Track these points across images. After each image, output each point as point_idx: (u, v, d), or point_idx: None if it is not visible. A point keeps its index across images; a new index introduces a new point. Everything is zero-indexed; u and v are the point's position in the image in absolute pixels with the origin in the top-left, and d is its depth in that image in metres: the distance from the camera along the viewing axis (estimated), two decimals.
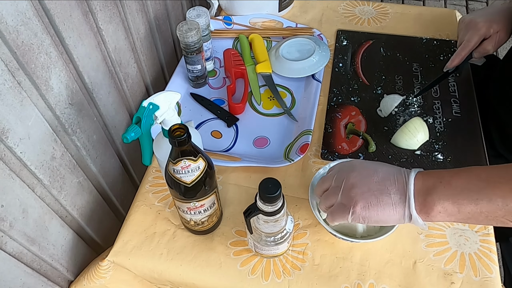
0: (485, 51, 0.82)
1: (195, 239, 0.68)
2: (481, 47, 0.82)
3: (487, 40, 0.81)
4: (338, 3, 1.10)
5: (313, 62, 0.90)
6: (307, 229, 0.69)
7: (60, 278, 0.70)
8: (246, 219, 0.57)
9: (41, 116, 0.58)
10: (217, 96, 0.89)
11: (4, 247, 0.56)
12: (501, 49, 2.07)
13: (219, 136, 0.82)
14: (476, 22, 0.81)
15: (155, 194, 0.74)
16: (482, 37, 0.81)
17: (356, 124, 0.83)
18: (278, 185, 0.52)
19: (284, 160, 0.75)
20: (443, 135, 0.80)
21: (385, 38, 1.00)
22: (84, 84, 0.68)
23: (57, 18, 0.58)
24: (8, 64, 0.51)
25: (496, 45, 0.81)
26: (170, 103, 0.61)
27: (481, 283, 0.62)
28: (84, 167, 0.71)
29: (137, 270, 0.67)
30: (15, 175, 0.55)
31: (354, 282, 0.63)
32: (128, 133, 0.59)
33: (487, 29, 0.80)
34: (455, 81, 0.89)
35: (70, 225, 0.70)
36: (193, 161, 0.54)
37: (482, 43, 0.82)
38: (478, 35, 0.80)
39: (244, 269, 0.65)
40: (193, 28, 0.80)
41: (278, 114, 0.85)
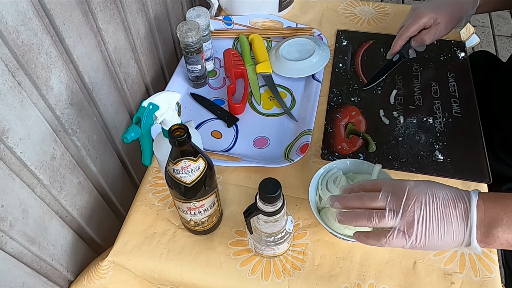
0: (422, 40, 0.82)
1: (195, 239, 0.68)
2: (418, 36, 0.83)
3: (425, 30, 0.82)
4: (338, 3, 1.10)
5: (313, 62, 0.90)
6: (307, 229, 0.69)
7: (60, 278, 0.70)
8: (246, 219, 0.57)
9: (41, 116, 0.58)
10: (217, 96, 0.89)
11: (4, 247, 0.56)
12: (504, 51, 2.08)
13: (219, 136, 0.82)
14: (420, 11, 0.81)
15: (155, 194, 0.74)
16: (421, 27, 0.81)
17: (356, 124, 0.83)
18: (278, 185, 0.52)
19: (284, 160, 0.75)
20: (443, 135, 0.80)
21: (385, 38, 1.00)
22: (84, 84, 0.68)
23: (57, 18, 0.58)
24: (8, 64, 0.51)
25: (434, 36, 0.82)
26: (170, 103, 0.61)
27: (481, 283, 0.62)
28: (84, 167, 0.71)
29: (137, 270, 0.67)
30: (15, 175, 0.55)
31: (354, 282, 0.63)
32: (128, 133, 0.59)
33: (429, 19, 0.80)
34: (455, 81, 0.89)
35: (70, 225, 0.70)
36: (193, 161, 0.54)
37: (420, 32, 0.83)
38: (417, 24, 0.81)
39: (244, 269, 0.65)
40: (193, 28, 0.80)
41: (278, 114, 0.85)
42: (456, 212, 0.50)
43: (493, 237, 0.49)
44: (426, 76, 0.91)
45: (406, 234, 0.51)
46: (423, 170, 0.75)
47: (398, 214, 0.51)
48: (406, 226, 0.51)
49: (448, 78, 0.90)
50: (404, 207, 0.51)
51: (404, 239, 0.51)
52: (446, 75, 0.91)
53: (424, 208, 0.51)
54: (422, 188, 0.52)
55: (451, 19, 0.81)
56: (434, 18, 0.80)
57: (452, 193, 0.52)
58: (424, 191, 0.52)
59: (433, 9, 0.81)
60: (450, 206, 0.50)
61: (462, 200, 0.51)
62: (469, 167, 0.75)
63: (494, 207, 0.50)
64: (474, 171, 0.74)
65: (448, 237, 0.50)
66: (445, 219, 0.50)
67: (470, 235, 0.50)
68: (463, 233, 0.50)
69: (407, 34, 0.82)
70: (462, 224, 0.50)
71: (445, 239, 0.51)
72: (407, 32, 0.82)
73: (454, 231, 0.50)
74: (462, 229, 0.50)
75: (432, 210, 0.51)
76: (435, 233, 0.50)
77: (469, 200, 0.51)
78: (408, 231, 0.51)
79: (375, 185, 0.56)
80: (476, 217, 0.49)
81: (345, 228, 0.63)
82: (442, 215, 0.50)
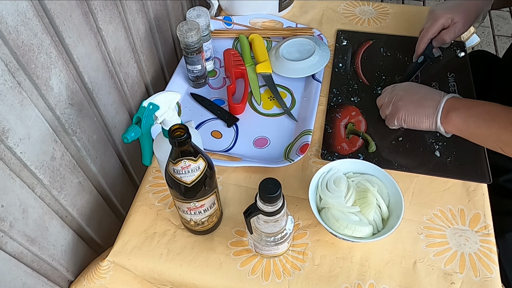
0: (442, 40, 0.86)
1: (195, 239, 0.68)
2: (439, 36, 0.86)
3: (445, 30, 0.85)
4: (338, 3, 1.10)
5: (313, 62, 0.90)
6: (307, 229, 0.69)
7: (60, 278, 0.70)
8: (246, 219, 0.57)
9: (41, 116, 0.58)
10: (217, 96, 0.89)
11: (4, 247, 0.56)
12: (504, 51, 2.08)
13: (219, 136, 0.82)
14: (437, 12, 0.85)
15: (155, 194, 0.74)
16: (441, 27, 0.85)
17: (356, 124, 0.83)
18: (278, 185, 0.52)
19: (284, 160, 0.75)
20: (443, 135, 0.79)
21: (385, 38, 1.00)
22: (84, 84, 0.68)
23: (57, 18, 0.58)
24: (8, 64, 0.51)
25: (453, 35, 0.85)
26: (170, 103, 0.61)
27: (481, 283, 0.62)
28: (84, 167, 0.71)
29: (137, 270, 0.67)
30: (15, 175, 0.55)
31: (354, 282, 0.63)
32: (128, 133, 0.59)
33: (446, 19, 0.84)
34: (455, 81, 0.89)
35: (70, 225, 0.70)
36: (193, 161, 0.54)
37: (440, 32, 0.86)
38: (436, 25, 0.84)
39: (244, 269, 0.65)
40: (193, 28, 0.80)
41: (278, 114, 0.85)
42: (431, 102, 0.72)
43: (449, 119, 0.69)
44: (426, 75, 0.91)
45: (394, 114, 0.76)
46: (423, 170, 0.75)
47: (391, 103, 0.77)
48: (395, 109, 0.76)
49: (448, 77, 0.90)
50: (395, 97, 0.76)
51: (394, 117, 0.76)
52: (446, 75, 0.91)
53: (409, 96, 0.75)
54: (413, 86, 0.78)
55: (468, 17, 0.84)
56: (451, 18, 0.83)
57: (434, 91, 0.74)
58: (413, 88, 0.77)
59: (450, 9, 0.84)
60: (428, 97, 0.73)
61: (438, 95, 0.72)
62: (469, 167, 0.75)
63: (458, 102, 0.70)
64: (474, 171, 0.74)
65: (422, 117, 0.72)
66: (422, 105, 0.72)
67: (436, 117, 0.70)
68: (433, 115, 0.71)
69: (427, 36, 0.86)
70: (434, 109, 0.71)
71: (420, 118, 0.73)
72: (427, 34, 0.86)
73: (427, 113, 0.72)
74: (433, 113, 0.71)
75: (414, 98, 0.74)
76: (412, 113, 0.73)
77: (444, 96, 0.71)
78: (395, 112, 0.75)
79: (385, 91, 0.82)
80: (443, 106, 0.70)
81: (345, 228, 0.63)
82: (420, 101, 0.73)
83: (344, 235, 0.62)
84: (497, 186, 0.76)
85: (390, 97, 0.77)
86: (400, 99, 0.75)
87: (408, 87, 0.77)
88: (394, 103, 0.76)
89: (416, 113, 0.73)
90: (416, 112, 0.73)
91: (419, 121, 0.73)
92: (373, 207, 0.64)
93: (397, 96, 0.76)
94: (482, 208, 0.70)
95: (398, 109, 0.75)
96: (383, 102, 0.80)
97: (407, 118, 0.74)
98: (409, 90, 0.76)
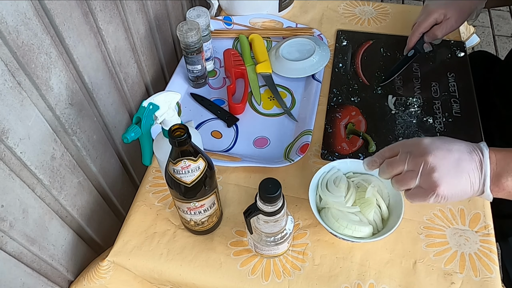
0: (434, 35, 0.86)
1: (195, 239, 0.68)
2: (431, 31, 0.86)
3: (437, 26, 0.86)
4: (338, 3, 1.10)
5: (313, 62, 0.90)
6: (307, 229, 0.69)
7: (60, 278, 0.70)
8: (246, 219, 0.57)
9: (41, 116, 0.58)
10: (217, 96, 0.89)
11: (4, 247, 0.56)
12: (504, 50, 2.08)
13: (219, 136, 0.82)
14: (431, 7, 0.86)
15: (155, 194, 0.74)
16: (433, 22, 0.85)
17: (356, 124, 0.83)
18: (278, 185, 0.52)
19: (284, 160, 0.75)
20: (443, 135, 0.79)
21: (385, 38, 1.00)
22: (84, 84, 0.68)
23: (57, 18, 0.58)
24: (8, 64, 0.51)
25: (445, 31, 0.85)
26: (170, 103, 0.61)
27: (481, 283, 0.62)
28: (84, 167, 0.71)
29: (137, 270, 0.67)
30: (15, 175, 0.55)
31: (354, 282, 0.63)
32: (128, 133, 0.59)
33: (439, 15, 0.84)
34: (455, 81, 0.89)
35: (70, 225, 0.70)
36: (193, 161, 0.54)
37: (432, 28, 0.86)
38: (428, 20, 0.85)
39: (244, 269, 0.65)
40: (193, 28, 0.80)
41: (278, 114, 0.85)
42: (472, 164, 0.53)
43: (501, 185, 0.53)
44: (426, 76, 0.91)
45: (428, 190, 0.53)
46: None
47: (418, 173, 0.54)
48: (429, 183, 0.53)
49: (448, 78, 0.90)
50: (424, 166, 0.53)
51: (427, 195, 0.54)
52: (446, 75, 0.91)
53: (443, 163, 0.53)
54: (439, 145, 0.55)
55: (461, 14, 0.85)
56: (444, 13, 0.84)
57: (466, 147, 0.55)
58: (441, 148, 0.54)
59: (443, 5, 0.85)
60: (466, 159, 0.54)
61: (475, 152, 0.54)
62: None
63: (505, 158, 0.54)
64: None
65: (466, 188, 0.54)
66: (463, 171, 0.53)
67: (484, 183, 0.53)
68: (479, 182, 0.53)
69: (419, 30, 0.87)
70: (478, 174, 0.53)
71: (464, 190, 0.54)
72: (420, 28, 0.87)
73: (471, 181, 0.53)
74: (477, 179, 0.53)
75: (450, 164, 0.53)
76: (455, 185, 0.53)
77: (482, 152, 0.54)
78: (430, 187, 0.53)
79: (393, 149, 0.58)
80: (490, 167, 0.53)
81: (345, 228, 0.63)
82: (460, 167, 0.53)
83: (344, 235, 0.62)
84: None
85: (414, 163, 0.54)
86: (433, 171, 0.53)
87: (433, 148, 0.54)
88: (425, 175, 0.53)
89: (458, 184, 0.53)
90: (458, 184, 0.53)
91: (463, 194, 0.54)
92: (373, 207, 0.64)
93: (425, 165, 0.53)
94: (482, 208, 0.70)
95: (435, 184, 0.53)
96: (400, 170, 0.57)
97: (449, 194, 0.53)
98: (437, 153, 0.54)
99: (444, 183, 0.53)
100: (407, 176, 0.55)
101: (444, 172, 0.53)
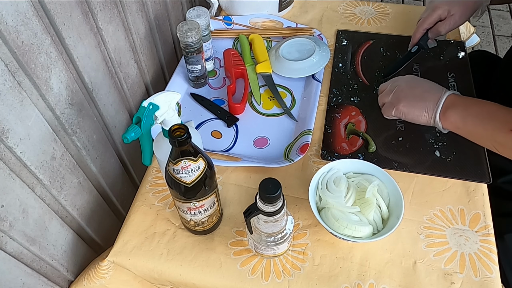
0: (438, 31, 0.86)
1: (195, 239, 0.68)
2: (434, 27, 0.87)
3: (441, 22, 0.86)
4: (338, 3, 1.10)
5: (313, 62, 0.90)
6: (307, 229, 0.69)
7: (60, 278, 0.70)
8: (246, 219, 0.57)
9: (41, 116, 0.58)
10: (217, 96, 0.89)
11: (4, 247, 0.56)
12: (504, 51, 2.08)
13: (219, 136, 0.82)
14: (435, 3, 0.86)
15: (155, 194, 0.74)
16: (437, 18, 0.85)
17: (356, 124, 0.83)
18: (278, 185, 0.52)
19: (284, 160, 0.75)
20: (443, 135, 0.79)
21: (385, 38, 1.00)
22: (84, 84, 0.68)
23: (57, 18, 0.58)
24: (8, 64, 0.51)
25: (449, 27, 0.85)
26: (170, 103, 0.61)
27: (481, 283, 0.62)
28: (84, 167, 0.71)
29: (137, 270, 0.67)
30: (15, 175, 0.55)
31: (354, 282, 0.63)
32: (128, 133, 0.59)
33: (443, 11, 0.84)
34: (455, 81, 0.89)
35: (70, 225, 0.70)
36: (193, 161, 0.54)
37: (436, 24, 0.86)
38: (432, 16, 0.85)
39: (244, 269, 0.65)
40: (193, 28, 0.80)
41: (278, 114, 0.85)
42: (433, 96, 0.71)
43: (447, 115, 0.68)
44: (426, 76, 0.90)
45: (394, 103, 0.74)
46: (423, 170, 0.75)
47: (392, 92, 0.75)
48: (395, 99, 0.74)
49: (448, 78, 0.90)
50: (397, 88, 0.75)
51: (392, 107, 0.74)
52: (446, 75, 0.91)
53: (411, 89, 0.74)
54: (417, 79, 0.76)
55: (465, 10, 0.85)
56: (448, 10, 0.84)
57: (436, 86, 0.73)
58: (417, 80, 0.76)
59: (448, 1, 0.85)
60: (430, 92, 0.72)
61: (440, 91, 0.71)
62: (469, 167, 0.75)
63: (458, 99, 0.69)
64: (474, 171, 0.74)
65: (421, 110, 0.71)
66: (423, 99, 0.71)
67: (435, 112, 0.69)
68: (432, 110, 0.70)
69: (423, 26, 0.87)
70: (434, 104, 0.70)
71: (420, 112, 0.71)
72: (424, 24, 0.87)
73: (427, 107, 0.70)
74: (432, 108, 0.70)
75: (416, 91, 0.73)
76: (412, 105, 0.72)
77: (445, 92, 0.70)
78: (395, 102, 0.74)
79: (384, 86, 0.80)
80: (443, 102, 0.69)
81: (345, 228, 0.63)
82: (422, 95, 0.72)
83: (344, 235, 0.62)
84: (496, 187, 0.76)
85: (392, 87, 0.76)
86: (402, 90, 0.74)
87: (411, 79, 0.77)
88: (395, 93, 0.74)
89: (416, 106, 0.71)
90: (416, 105, 0.71)
91: (418, 114, 0.71)
92: (373, 207, 0.64)
93: (399, 87, 0.75)
94: (482, 208, 0.70)
95: (398, 100, 0.73)
96: (384, 89, 0.79)
97: (406, 110, 0.72)
98: (411, 82, 0.75)
99: (405, 100, 0.73)
100: (385, 93, 0.77)
101: (407, 94, 0.73)
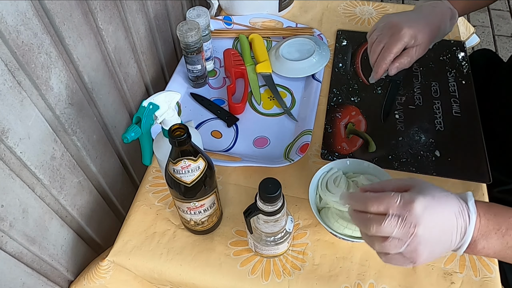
0: (402, 65, 0.73)
1: (195, 239, 0.68)
2: (397, 60, 0.72)
3: (405, 52, 0.72)
4: (338, 3, 1.10)
5: (313, 62, 0.90)
6: (307, 229, 0.69)
7: (60, 278, 0.70)
8: (246, 219, 0.57)
9: (41, 116, 0.58)
10: (217, 96, 0.89)
11: (4, 247, 0.56)
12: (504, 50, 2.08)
13: (219, 136, 0.82)
14: (401, 27, 0.70)
15: (155, 194, 0.74)
16: (404, 46, 0.72)
17: (356, 124, 0.83)
18: (278, 185, 0.52)
19: (284, 160, 0.75)
20: (443, 135, 0.80)
21: None
22: (84, 84, 0.68)
23: (57, 18, 0.58)
24: (8, 64, 0.51)
25: (413, 60, 0.73)
26: (170, 103, 0.61)
27: (481, 283, 0.62)
28: (84, 167, 0.71)
29: (137, 270, 0.67)
30: (15, 175, 0.55)
31: (354, 282, 0.63)
32: (128, 133, 0.59)
33: (410, 38, 0.70)
34: (455, 81, 0.89)
35: (70, 225, 0.70)
36: (193, 161, 0.54)
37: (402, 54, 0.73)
38: (401, 43, 0.71)
39: (244, 269, 0.65)
40: (193, 28, 0.80)
41: (278, 114, 0.85)
42: (455, 232, 0.50)
43: (476, 249, 0.51)
44: (426, 76, 0.91)
45: (409, 259, 0.50)
46: (423, 170, 0.75)
47: (405, 244, 0.49)
48: (412, 254, 0.49)
49: (448, 78, 0.90)
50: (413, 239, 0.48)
51: (408, 263, 0.50)
52: (446, 75, 0.91)
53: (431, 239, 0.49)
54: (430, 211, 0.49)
55: (431, 37, 0.73)
56: (416, 37, 0.71)
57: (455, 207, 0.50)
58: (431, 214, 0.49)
59: (415, 26, 0.71)
60: (452, 225, 0.49)
61: (462, 216, 0.50)
62: (469, 167, 0.75)
63: (487, 225, 0.50)
64: (474, 171, 0.74)
65: (443, 252, 0.52)
66: (445, 242, 0.50)
67: (460, 247, 0.51)
68: (456, 246, 0.51)
69: (390, 57, 0.72)
70: (458, 240, 0.50)
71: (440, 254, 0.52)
72: (390, 55, 0.72)
73: (450, 247, 0.51)
74: (456, 243, 0.50)
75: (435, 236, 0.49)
76: (434, 254, 0.50)
77: (470, 219, 0.50)
78: (412, 257, 0.49)
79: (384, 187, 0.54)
80: (471, 236, 0.50)
81: (345, 228, 0.63)
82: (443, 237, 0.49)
83: (344, 235, 0.62)
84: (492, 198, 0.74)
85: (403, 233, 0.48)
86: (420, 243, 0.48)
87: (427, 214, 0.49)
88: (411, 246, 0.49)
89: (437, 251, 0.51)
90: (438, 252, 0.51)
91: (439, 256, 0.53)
92: None
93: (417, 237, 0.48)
94: None
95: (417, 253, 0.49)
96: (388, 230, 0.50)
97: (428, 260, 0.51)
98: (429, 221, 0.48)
99: (425, 254, 0.49)
100: (392, 244, 0.49)
101: (428, 247, 0.49)
